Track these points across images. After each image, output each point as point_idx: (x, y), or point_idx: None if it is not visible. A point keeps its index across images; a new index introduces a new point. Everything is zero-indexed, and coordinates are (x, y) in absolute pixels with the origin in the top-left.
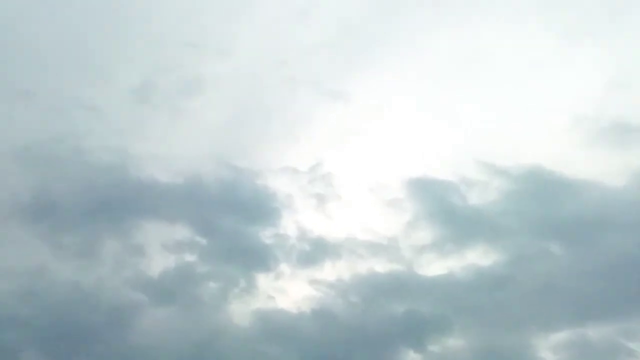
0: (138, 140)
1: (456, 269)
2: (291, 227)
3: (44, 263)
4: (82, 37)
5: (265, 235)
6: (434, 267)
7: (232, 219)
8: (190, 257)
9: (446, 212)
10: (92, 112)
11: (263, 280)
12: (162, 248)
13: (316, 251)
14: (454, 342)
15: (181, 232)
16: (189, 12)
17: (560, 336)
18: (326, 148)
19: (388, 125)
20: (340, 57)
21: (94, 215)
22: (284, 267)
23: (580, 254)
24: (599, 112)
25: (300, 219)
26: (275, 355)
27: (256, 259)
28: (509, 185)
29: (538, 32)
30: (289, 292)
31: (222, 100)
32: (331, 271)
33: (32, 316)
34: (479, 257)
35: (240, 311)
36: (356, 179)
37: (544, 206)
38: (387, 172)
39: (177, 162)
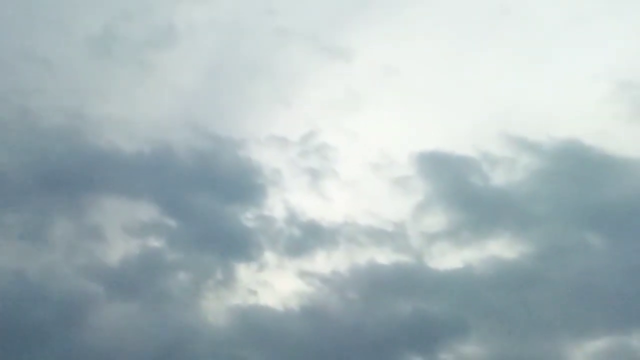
0: (97, 101)
1: (474, 262)
2: (278, 208)
3: None
4: None
5: (248, 218)
6: (448, 259)
7: (207, 197)
8: (156, 243)
9: (464, 193)
10: (42, 66)
11: (244, 272)
12: (123, 231)
13: (308, 238)
14: (470, 349)
15: (146, 212)
16: None
17: (599, 345)
18: (322, 115)
19: (397, 90)
20: (342, 6)
21: (42, 189)
22: (269, 256)
23: (623, 247)
24: None
25: (289, 198)
26: None
27: (236, 245)
28: (539, 163)
29: None
30: (274, 286)
31: (198, 54)
32: (325, 262)
33: None
34: (502, 249)
35: (216, 308)
36: (357, 152)
37: (581, 188)
38: (394, 146)
39: (143, 128)
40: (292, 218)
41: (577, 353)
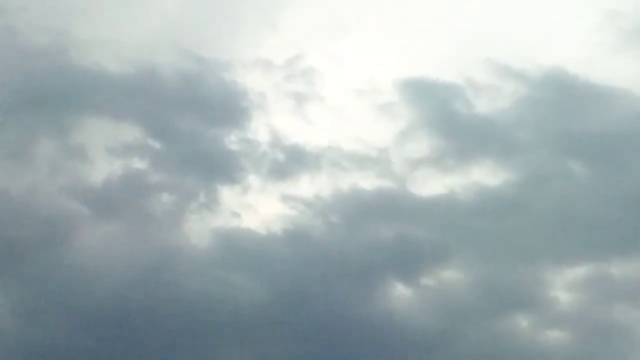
0: (82, 21)
1: (457, 188)
2: (262, 131)
3: None
4: None
5: (231, 141)
6: (431, 185)
7: (192, 119)
8: (140, 164)
9: (448, 120)
10: None
11: (227, 194)
12: (106, 151)
13: (291, 161)
14: (452, 275)
15: (130, 132)
16: None
17: (578, 272)
18: (308, 38)
19: (383, 16)
20: None
21: (26, 109)
22: (252, 180)
23: (606, 176)
24: (636, 7)
25: (273, 122)
26: (238, 283)
27: (219, 168)
28: (524, 91)
29: None
30: (257, 209)
31: None
32: (309, 186)
33: None
34: (485, 176)
35: (199, 230)
36: (342, 77)
37: (566, 117)
38: (380, 71)
39: (129, 49)
40: (276, 142)
41: (557, 280)
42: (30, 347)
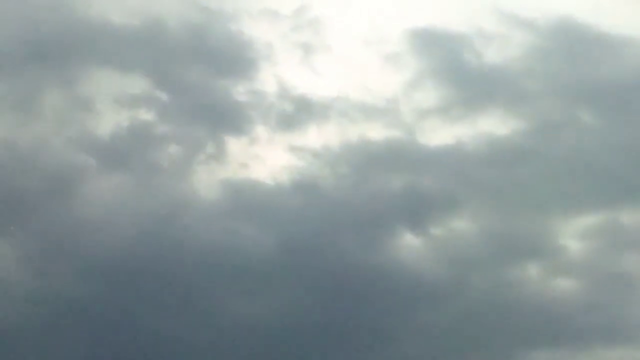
0: None
1: (466, 138)
2: (270, 82)
3: None
4: None
5: (239, 91)
6: (440, 135)
7: (199, 70)
8: (147, 115)
9: (456, 70)
10: None
11: (234, 145)
12: (113, 102)
13: (299, 112)
14: (461, 224)
15: (137, 84)
16: None
17: (588, 221)
18: None
19: None
20: None
21: (33, 60)
22: (260, 130)
23: (616, 124)
24: None
25: (281, 72)
26: (247, 234)
27: (227, 119)
28: (533, 40)
29: None
30: (265, 159)
31: None
32: (316, 136)
33: None
34: (494, 125)
35: (207, 181)
36: (349, 27)
37: (575, 65)
38: (387, 21)
39: (134, 0)
40: (284, 92)
41: (567, 228)
42: (39, 297)
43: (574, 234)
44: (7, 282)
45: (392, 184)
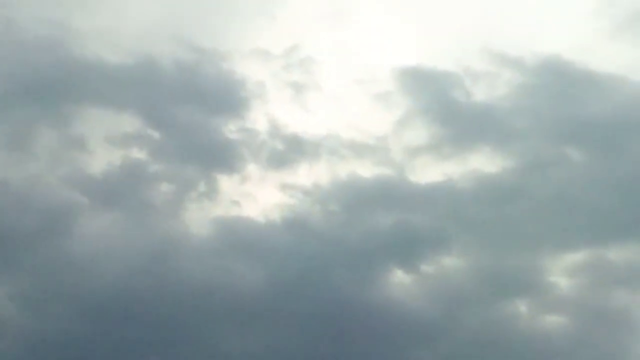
0: (81, 12)
1: (456, 175)
2: (261, 120)
3: None
4: None
5: (230, 130)
6: (430, 172)
7: (190, 109)
8: (139, 154)
9: (445, 108)
10: None
11: (226, 183)
12: (106, 141)
13: (290, 150)
14: (452, 261)
15: (130, 122)
16: None
17: (576, 257)
18: (305, 28)
19: (380, 4)
20: None
21: (26, 99)
22: (252, 168)
23: (603, 162)
24: None
25: (272, 111)
26: (238, 271)
27: (219, 157)
28: (521, 79)
29: None
30: (256, 197)
31: None
32: (307, 174)
33: None
34: (483, 163)
35: (199, 219)
36: (340, 66)
37: (562, 104)
38: (377, 60)
39: (127, 40)
40: (275, 131)
41: (556, 265)
42: (32, 336)
43: (563, 270)
44: (1, 320)
45: (383, 222)
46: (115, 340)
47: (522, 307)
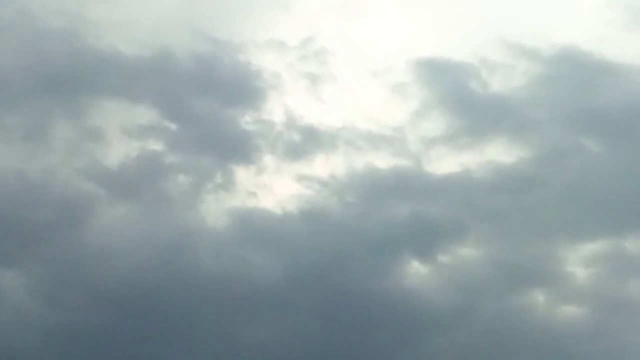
0: (97, 4)
1: (472, 166)
2: (278, 112)
3: None
4: None
5: (247, 121)
6: (446, 163)
7: (207, 100)
8: (156, 145)
9: (462, 99)
10: None
11: (243, 175)
12: (122, 133)
13: (306, 141)
14: (468, 252)
15: (146, 114)
16: None
17: (594, 247)
18: (321, 19)
19: None
20: None
21: (43, 91)
22: (268, 160)
23: (620, 151)
24: None
25: (288, 102)
26: (255, 262)
27: (235, 149)
28: (537, 69)
29: None
30: (273, 189)
31: None
32: (324, 166)
33: None
34: (500, 153)
35: (215, 210)
36: (356, 57)
37: (578, 94)
38: (393, 51)
39: (144, 31)
40: (291, 122)
41: (573, 255)
42: (49, 327)
43: (580, 260)
44: (19, 312)
45: (400, 212)
46: (132, 331)
47: (539, 297)
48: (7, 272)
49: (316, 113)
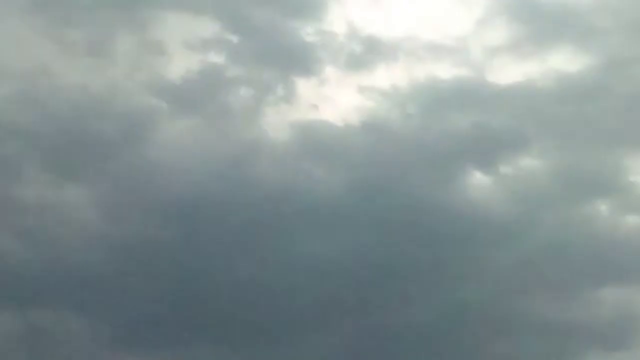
0: None
1: (536, 75)
2: (339, 22)
3: (47, 63)
4: None
5: (308, 33)
6: (509, 72)
7: (268, 12)
8: (217, 58)
9: (526, 6)
10: None
11: (304, 87)
12: (184, 46)
13: (368, 52)
14: (531, 162)
15: (208, 27)
16: None
17: None
18: None
19: None
20: None
21: (105, 5)
22: (330, 71)
23: None
24: None
25: (350, 13)
26: (318, 174)
27: (296, 60)
28: None
29: None
30: (334, 100)
31: None
32: (385, 76)
33: (34, 124)
34: (564, 61)
35: (277, 123)
36: None
37: None
38: None
39: None
40: (353, 33)
41: (637, 165)
42: (111, 241)
43: None
44: (81, 226)
45: (461, 123)
46: (195, 244)
47: (602, 207)
48: (72, 186)
49: (378, 23)
